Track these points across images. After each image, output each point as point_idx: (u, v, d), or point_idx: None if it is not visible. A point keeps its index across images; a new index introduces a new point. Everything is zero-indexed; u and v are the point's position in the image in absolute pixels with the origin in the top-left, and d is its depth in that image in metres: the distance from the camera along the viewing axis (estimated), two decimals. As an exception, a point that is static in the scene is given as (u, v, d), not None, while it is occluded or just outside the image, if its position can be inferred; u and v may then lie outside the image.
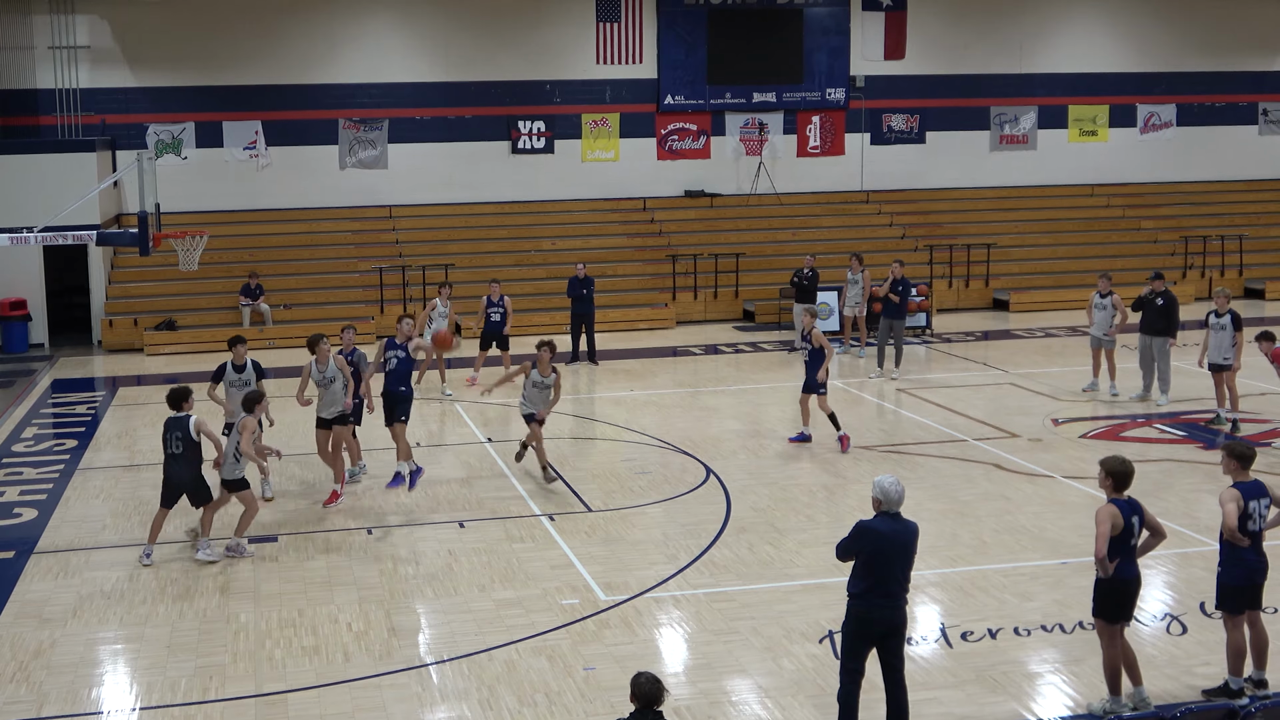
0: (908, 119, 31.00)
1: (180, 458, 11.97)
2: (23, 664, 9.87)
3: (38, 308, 24.88)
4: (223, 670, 9.69)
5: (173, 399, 12.15)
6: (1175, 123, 32.48)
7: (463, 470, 15.24)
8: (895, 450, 15.81)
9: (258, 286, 25.23)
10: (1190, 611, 10.40)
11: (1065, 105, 31.83)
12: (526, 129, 29.28)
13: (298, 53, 28.15)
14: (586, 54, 29.39)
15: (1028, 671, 9.43)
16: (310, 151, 28.43)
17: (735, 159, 30.24)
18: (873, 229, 29.79)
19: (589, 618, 10.52)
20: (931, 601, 10.79)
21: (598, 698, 9.05)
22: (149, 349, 24.04)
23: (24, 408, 19.56)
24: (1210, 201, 31.97)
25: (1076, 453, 15.53)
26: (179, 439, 11.95)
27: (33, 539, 12.94)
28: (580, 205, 29.48)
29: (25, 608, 11.06)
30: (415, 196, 28.86)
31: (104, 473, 15.52)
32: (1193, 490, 13.80)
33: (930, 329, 24.87)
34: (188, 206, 26.20)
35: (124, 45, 27.41)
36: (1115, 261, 27.90)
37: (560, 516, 13.29)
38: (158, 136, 27.64)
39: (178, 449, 11.96)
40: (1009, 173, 31.73)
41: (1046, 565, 11.57)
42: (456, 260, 26.66)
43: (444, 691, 9.26)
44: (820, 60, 30.38)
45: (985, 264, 28.08)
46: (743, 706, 8.96)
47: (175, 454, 11.98)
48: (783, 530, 12.71)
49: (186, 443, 11.93)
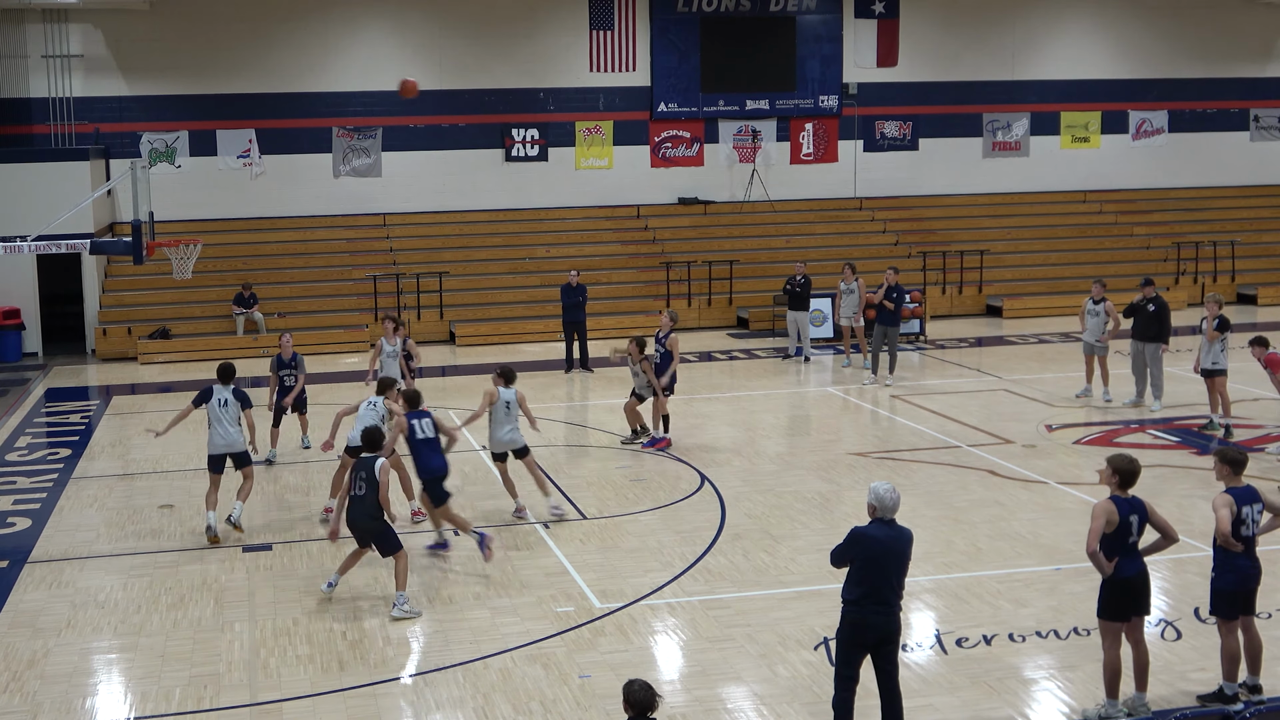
0: (900, 126, 31.07)
1: (362, 500, 10.87)
2: (16, 674, 9.85)
3: (31, 316, 24.86)
4: (217, 679, 9.67)
5: (367, 441, 11.12)
6: (1167, 129, 32.58)
7: (457, 478, 15.20)
8: (889, 456, 15.82)
9: (251, 295, 25.22)
10: (1185, 617, 10.42)
11: (1057, 112, 31.91)
12: (520, 137, 29.31)
13: (291, 61, 28.17)
14: (580, 62, 29.44)
15: (1023, 677, 9.44)
16: (304, 160, 28.43)
17: (729, 166, 30.29)
18: (866, 236, 29.84)
19: (584, 625, 10.52)
20: (926, 608, 10.80)
21: (593, 705, 9.05)
22: (143, 358, 24.01)
23: (18, 417, 19.53)
24: (1202, 207, 32.06)
25: (1070, 458, 15.56)
26: (363, 480, 10.86)
27: (26, 548, 12.91)
28: (574, 213, 29.50)
29: (19, 617, 11.03)
30: (409, 204, 28.88)
31: (98, 482, 15.50)
32: (1186, 496, 13.82)
33: (924, 335, 24.90)
34: (181, 215, 26.19)
35: (117, 54, 27.40)
36: (1108, 268, 27.95)
37: (555, 524, 13.28)
38: (151, 145, 27.63)
39: (360, 490, 10.89)
40: (1001, 179, 31.79)
41: (1041, 571, 11.58)
42: (451, 268, 26.67)
43: (439, 700, 9.25)
44: (813, 68, 30.45)
45: (978, 270, 28.13)
46: (738, 714, 8.96)
47: (358, 495, 10.90)
48: (777, 537, 12.72)
49: (370, 484, 10.82)
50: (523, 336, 25.50)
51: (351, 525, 11.02)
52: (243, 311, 25.05)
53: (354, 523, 10.98)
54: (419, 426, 12.33)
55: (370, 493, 10.76)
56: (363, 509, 10.84)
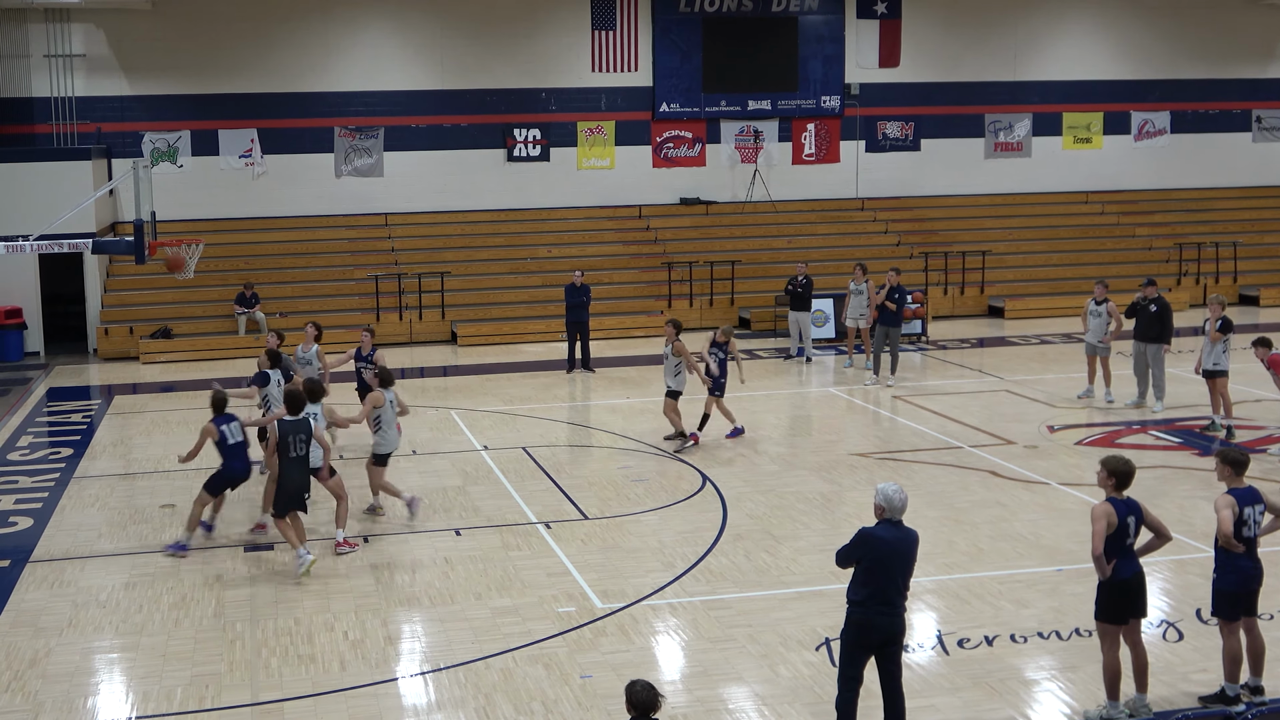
0: (902, 126, 31.06)
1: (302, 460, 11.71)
2: (18, 673, 9.85)
3: (33, 316, 24.87)
4: (219, 679, 9.67)
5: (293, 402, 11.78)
6: (1169, 130, 32.57)
7: (459, 478, 15.23)
8: (891, 457, 15.82)
9: (253, 295, 25.23)
10: (1187, 618, 10.41)
11: (1059, 112, 31.90)
12: (522, 137, 29.31)
13: (293, 61, 28.17)
14: (582, 62, 29.44)
15: (1024, 678, 9.43)
16: (306, 159, 28.43)
17: (730, 167, 30.29)
18: (868, 236, 29.83)
19: (585, 625, 10.52)
20: (928, 609, 10.79)
21: (595, 706, 9.04)
22: (144, 357, 24.02)
23: (19, 416, 19.54)
24: (1204, 208, 32.04)
25: (1072, 459, 15.55)
26: (302, 441, 11.74)
27: (28, 548, 12.91)
28: (576, 213, 29.50)
29: (20, 617, 11.03)
30: (411, 204, 28.88)
31: (99, 481, 15.50)
32: (1188, 496, 13.81)
33: (926, 336, 24.89)
34: (183, 215, 26.21)
35: (119, 53, 27.42)
36: (1110, 269, 27.95)
37: (557, 524, 13.28)
38: (153, 145, 27.64)
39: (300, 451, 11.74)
40: (1003, 180, 31.78)
41: (1043, 572, 11.57)
42: (452, 268, 26.68)
43: (440, 700, 9.25)
44: (815, 68, 30.44)
45: (980, 271, 28.12)
46: (739, 714, 8.95)
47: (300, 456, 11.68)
48: (779, 538, 12.71)
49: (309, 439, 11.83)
50: (524, 336, 25.49)
51: (297, 489, 11.73)
52: (244, 311, 25.05)
53: (299, 484, 11.72)
54: (228, 432, 12.47)
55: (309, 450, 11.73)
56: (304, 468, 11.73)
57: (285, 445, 11.66)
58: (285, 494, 11.76)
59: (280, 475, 11.76)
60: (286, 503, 11.77)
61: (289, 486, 11.75)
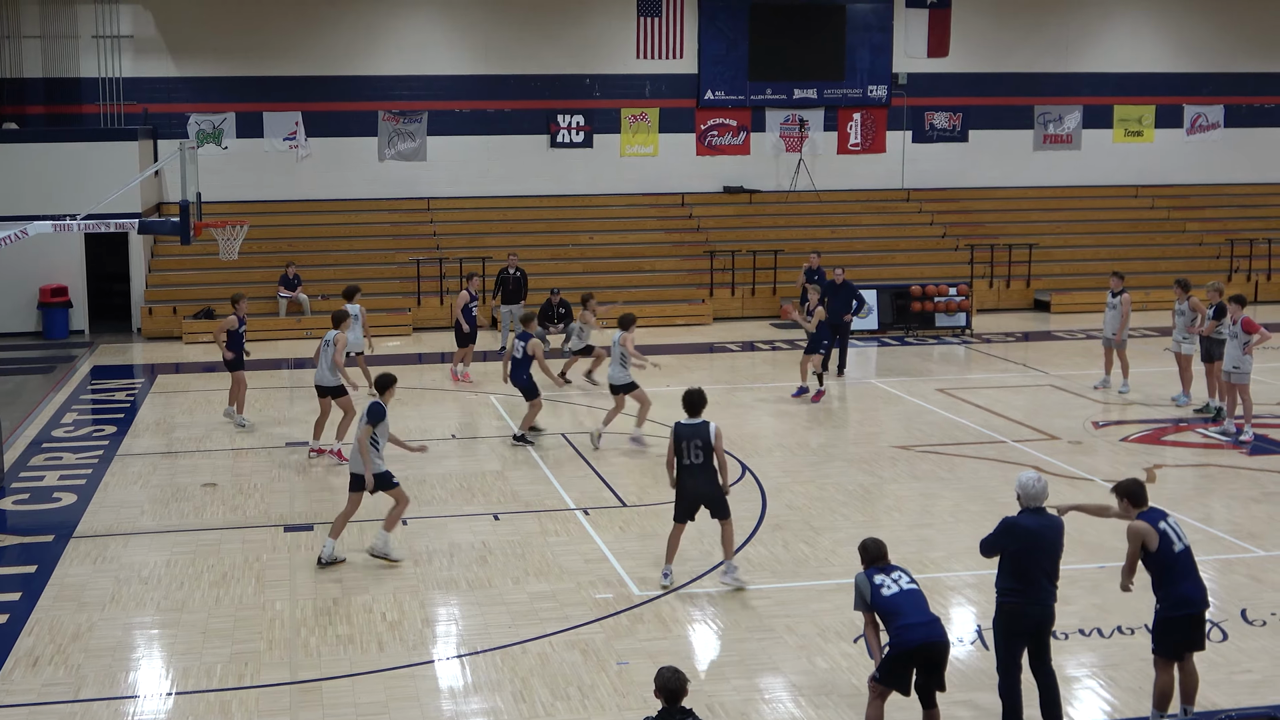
0: (950, 117, 30.77)
1: (699, 469, 10.74)
2: (61, 647, 9.95)
3: (79, 294, 25.13)
4: (258, 657, 9.72)
5: (691, 404, 10.89)
6: (1223, 124, 32.08)
7: (498, 463, 15.24)
8: (932, 450, 15.68)
9: (295, 277, 25.36)
10: (1231, 619, 10.25)
11: (1110, 105, 31.49)
12: (565, 123, 29.27)
13: (339, 44, 28.26)
14: (627, 48, 29.35)
15: (1065, 676, 9.29)
16: (349, 143, 28.54)
17: (775, 155, 30.12)
18: (913, 228, 29.59)
19: (622, 612, 10.49)
20: (969, 603, 10.69)
21: (631, 692, 9.02)
22: (187, 337, 24.21)
23: (64, 393, 19.75)
24: (1257, 204, 31.53)
25: (1116, 456, 15.35)
26: (698, 448, 10.73)
27: (72, 523, 13.05)
28: (618, 200, 29.44)
29: (64, 591, 11.15)
30: (453, 189, 28.93)
31: (142, 459, 15.63)
32: (1234, 495, 13.61)
33: (970, 329, 24.68)
34: (227, 196, 26.35)
35: (166, 35, 27.61)
36: (1159, 264, 27.62)
37: (595, 510, 13.27)
38: (199, 126, 27.83)
39: (697, 459, 10.75)
40: (1052, 173, 31.43)
41: (1085, 569, 11.42)
42: (494, 253, 26.67)
43: (477, 683, 9.25)
44: (862, 57, 30.20)
45: (1026, 264, 27.83)
46: (776, 704, 8.90)
47: (694, 464, 10.76)
48: (818, 529, 12.63)
49: (706, 452, 10.73)
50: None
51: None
52: (287, 293, 25.19)
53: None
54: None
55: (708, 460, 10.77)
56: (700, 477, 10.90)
57: None
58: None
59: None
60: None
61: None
